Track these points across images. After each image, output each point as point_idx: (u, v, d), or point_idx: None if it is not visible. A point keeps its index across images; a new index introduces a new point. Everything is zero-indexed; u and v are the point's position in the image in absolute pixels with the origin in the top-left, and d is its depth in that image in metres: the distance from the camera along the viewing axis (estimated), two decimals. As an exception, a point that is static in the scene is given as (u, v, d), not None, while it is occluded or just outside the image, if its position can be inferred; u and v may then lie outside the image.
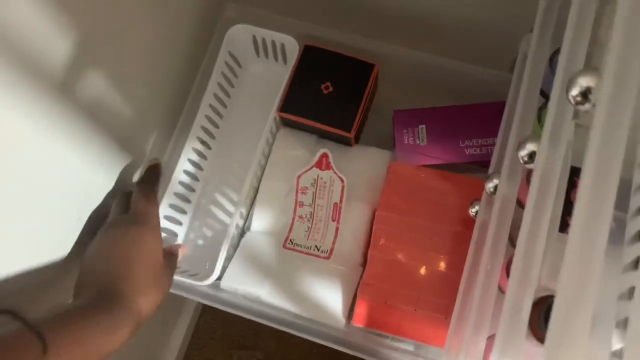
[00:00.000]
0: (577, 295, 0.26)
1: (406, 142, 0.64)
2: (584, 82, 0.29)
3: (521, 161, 0.38)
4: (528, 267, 0.32)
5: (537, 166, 0.34)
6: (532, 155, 0.37)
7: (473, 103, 0.65)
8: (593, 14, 0.35)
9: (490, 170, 0.51)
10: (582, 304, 0.26)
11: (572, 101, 0.29)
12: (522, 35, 0.56)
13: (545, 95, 0.49)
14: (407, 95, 0.68)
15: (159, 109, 0.66)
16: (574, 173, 0.37)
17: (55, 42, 0.44)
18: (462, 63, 0.64)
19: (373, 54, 0.65)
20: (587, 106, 0.29)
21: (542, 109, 0.48)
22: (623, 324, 0.30)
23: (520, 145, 0.38)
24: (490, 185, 0.46)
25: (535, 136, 0.37)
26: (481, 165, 0.63)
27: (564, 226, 0.37)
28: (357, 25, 0.67)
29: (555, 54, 0.48)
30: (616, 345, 0.28)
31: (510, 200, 0.42)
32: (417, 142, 0.64)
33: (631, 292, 0.30)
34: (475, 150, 0.63)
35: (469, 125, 0.64)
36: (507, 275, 0.45)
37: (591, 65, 0.30)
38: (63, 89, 0.47)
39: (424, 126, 0.65)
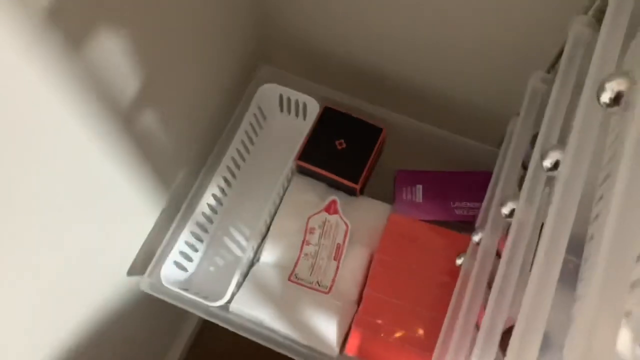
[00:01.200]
0: (532, 319, 0.34)
1: (404, 197, 0.74)
2: (554, 155, 0.38)
3: (503, 215, 0.47)
4: (502, 297, 0.41)
5: (514, 218, 0.43)
6: (512, 212, 0.46)
7: (464, 171, 0.75)
8: (567, 104, 0.45)
9: (477, 225, 0.60)
10: (535, 325, 0.34)
11: (545, 169, 0.39)
12: (510, 117, 0.67)
13: (525, 167, 0.59)
14: (407, 158, 0.78)
15: (193, 147, 0.75)
16: (544, 228, 0.46)
17: (128, 81, 0.54)
18: (458, 136, 0.75)
19: (382, 120, 0.75)
20: (556, 173, 0.38)
21: (523, 178, 0.58)
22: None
23: (502, 202, 0.47)
24: (476, 238, 0.55)
25: (516, 196, 0.47)
26: (467, 224, 0.72)
27: (533, 270, 0.45)
28: (370, 94, 0.78)
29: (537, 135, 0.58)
30: None
31: (491, 249, 0.51)
32: (414, 199, 0.74)
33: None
34: (463, 211, 0.72)
35: (459, 189, 0.74)
36: (485, 314, 0.53)
37: (562, 143, 0.39)
38: (126, 121, 0.56)
39: (421, 186, 0.74)
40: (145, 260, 0.72)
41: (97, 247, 0.63)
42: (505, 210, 0.47)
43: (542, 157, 0.39)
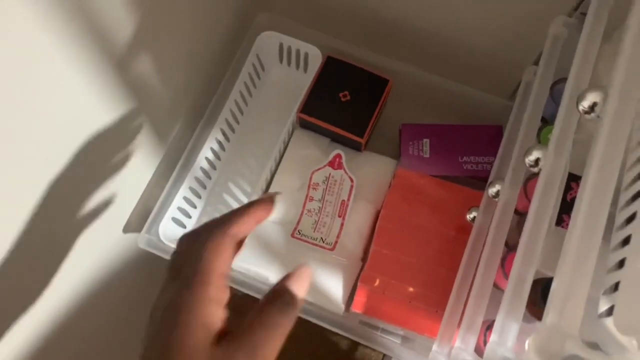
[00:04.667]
0: (576, 271, 0.32)
1: (411, 152, 0.71)
2: (592, 97, 0.36)
3: (527, 165, 0.45)
4: (532, 249, 0.39)
5: (544, 168, 0.41)
6: (537, 161, 0.44)
7: (473, 124, 0.72)
8: (598, 46, 0.42)
9: (491, 178, 0.58)
10: (580, 280, 0.32)
11: (581, 111, 0.36)
12: (524, 67, 0.64)
13: (543, 119, 0.56)
14: (412, 111, 0.75)
15: (190, 98, 0.71)
16: (571, 178, 0.44)
17: (121, 25, 0.50)
18: (466, 87, 0.72)
19: (386, 70, 0.71)
20: (592, 116, 0.36)
21: (540, 130, 0.56)
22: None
23: (527, 152, 0.44)
24: (492, 190, 0.53)
25: (541, 145, 0.44)
26: (476, 179, 0.70)
27: (560, 221, 0.44)
28: (375, 43, 0.75)
29: (555, 84, 0.56)
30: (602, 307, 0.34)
31: (511, 202, 0.49)
32: (421, 153, 0.71)
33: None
34: (471, 166, 0.70)
35: (467, 144, 0.71)
36: (502, 271, 0.52)
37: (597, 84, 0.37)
38: (119, 65, 0.52)
39: (427, 140, 0.71)
40: (142, 217, 0.69)
41: (92, 202, 0.60)
42: (530, 159, 0.44)
43: (579, 99, 0.36)
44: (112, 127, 0.56)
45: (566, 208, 0.43)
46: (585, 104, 0.36)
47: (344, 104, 0.70)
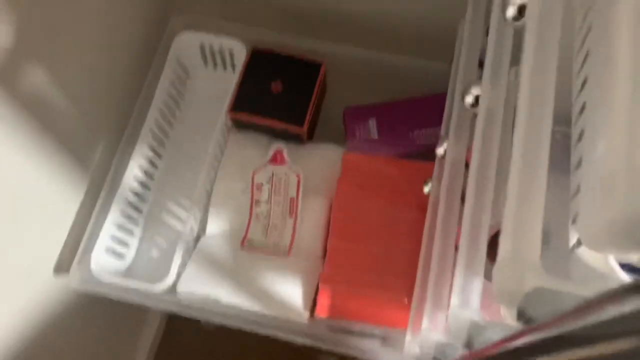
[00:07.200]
0: (526, 205, 0.25)
1: (358, 136, 0.65)
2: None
3: (468, 107, 0.39)
4: (480, 193, 0.33)
5: (481, 102, 0.35)
6: (477, 99, 0.38)
7: (419, 96, 0.66)
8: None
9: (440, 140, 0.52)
10: (531, 213, 0.25)
11: (510, 20, 0.31)
12: (458, 23, 0.59)
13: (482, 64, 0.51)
14: (357, 93, 0.69)
15: (105, 114, 0.65)
16: (519, 112, 0.38)
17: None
18: (407, 57, 0.66)
19: (320, 54, 0.66)
20: (522, 22, 0.30)
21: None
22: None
23: (465, 91, 0.39)
24: (440, 150, 0.47)
25: (480, 80, 0.39)
26: (432, 153, 0.64)
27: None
28: (302, 25, 0.69)
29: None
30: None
31: (460, 157, 0.43)
32: (369, 136, 0.65)
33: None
34: (425, 140, 0.64)
35: (417, 117, 0.65)
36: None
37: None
38: (10, 91, 0.46)
39: (374, 120, 0.66)
40: (74, 254, 0.62)
41: (12, 247, 0.53)
42: (469, 100, 0.39)
43: (505, 4, 0.31)
44: (19, 161, 0.50)
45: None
46: (511, 10, 0.31)
47: (277, 95, 0.64)
